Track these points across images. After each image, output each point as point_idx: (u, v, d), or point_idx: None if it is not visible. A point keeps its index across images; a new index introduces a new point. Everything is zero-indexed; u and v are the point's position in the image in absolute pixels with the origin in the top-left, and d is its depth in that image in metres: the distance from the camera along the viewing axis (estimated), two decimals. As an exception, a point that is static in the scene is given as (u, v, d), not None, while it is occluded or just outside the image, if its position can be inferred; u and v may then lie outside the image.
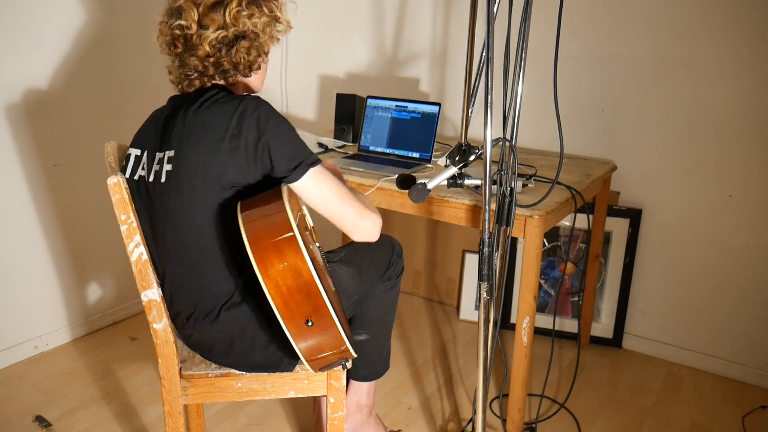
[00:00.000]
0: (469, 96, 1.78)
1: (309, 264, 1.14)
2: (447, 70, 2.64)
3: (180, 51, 1.32)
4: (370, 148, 2.26)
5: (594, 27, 2.28)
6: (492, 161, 1.43)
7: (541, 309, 2.56)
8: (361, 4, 2.77)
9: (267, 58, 1.44)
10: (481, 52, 1.61)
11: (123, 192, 1.30)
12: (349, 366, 1.44)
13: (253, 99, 1.28)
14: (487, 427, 1.98)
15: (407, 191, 1.63)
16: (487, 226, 1.44)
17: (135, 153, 1.38)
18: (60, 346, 2.43)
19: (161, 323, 1.38)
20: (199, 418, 1.84)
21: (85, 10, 2.28)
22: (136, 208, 1.35)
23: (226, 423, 2.01)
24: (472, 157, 1.63)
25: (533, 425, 2.00)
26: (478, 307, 2.67)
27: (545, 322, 2.55)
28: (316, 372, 1.33)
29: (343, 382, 1.46)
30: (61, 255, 2.39)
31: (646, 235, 2.37)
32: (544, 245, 2.50)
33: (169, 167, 1.29)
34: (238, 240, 1.21)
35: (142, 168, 1.35)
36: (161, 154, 1.32)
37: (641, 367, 2.38)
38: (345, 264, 1.58)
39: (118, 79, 2.43)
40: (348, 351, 1.25)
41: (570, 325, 2.54)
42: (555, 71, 1.52)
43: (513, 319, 2.60)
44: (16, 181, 2.21)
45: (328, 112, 2.92)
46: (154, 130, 1.37)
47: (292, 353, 1.39)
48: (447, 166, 1.66)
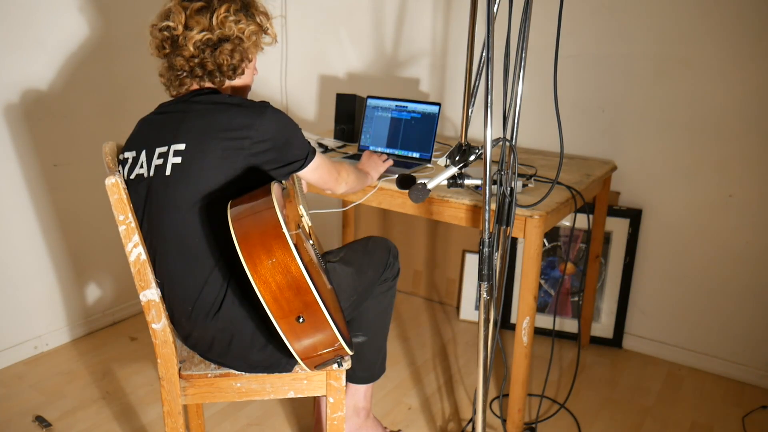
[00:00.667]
0: (469, 96, 1.78)
1: (297, 259, 1.14)
2: (447, 70, 2.64)
3: (168, 52, 1.39)
4: (370, 148, 2.25)
5: (594, 27, 2.28)
6: (492, 161, 1.43)
7: (541, 309, 2.55)
8: (361, 4, 2.76)
9: (251, 65, 1.48)
10: (481, 52, 1.61)
11: (121, 192, 1.30)
12: (347, 366, 1.44)
13: (269, 105, 1.35)
14: (487, 427, 1.98)
15: (407, 191, 1.63)
16: (487, 226, 1.44)
17: (130, 155, 1.40)
18: (60, 346, 2.43)
19: (160, 323, 1.38)
20: (199, 418, 1.84)
21: (84, 11, 2.28)
22: (135, 209, 1.36)
23: (226, 423, 2.01)
24: (472, 157, 1.63)
25: (533, 425, 1.99)
26: (478, 307, 2.67)
27: (545, 322, 2.55)
28: (312, 370, 1.32)
29: (343, 382, 1.46)
30: (61, 255, 2.39)
31: (646, 235, 2.37)
32: (544, 245, 2.50)
33: (178, 159, 1.31)
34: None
35: (140, 167, 1.36)
36: (163, 149, 1.33)
37: (641, 367, 2.38)
38: (345, 264, 1.59)
39: (117, 79, 2.43)
40: (342, 348, 1.24)
41: (570, 325, 2.53)
42: (555, 71, 1.52)
43: (513, 319, 2.60)
44: (15, 181, 2.21)
45: (328, 112, 2.92)
46: (148, 131, 1.39)
47: (289, 353, 1.39)
48: (447, 166, 1.66)
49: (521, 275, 1.75)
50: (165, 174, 1.32)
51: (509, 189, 1.54)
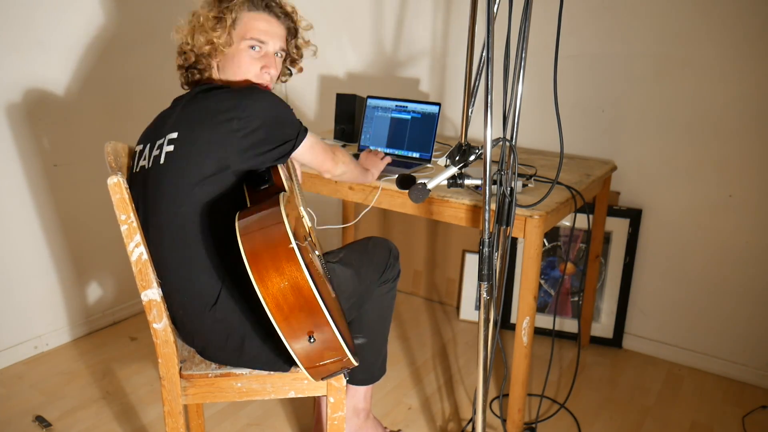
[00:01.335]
0: (469, 96, 1.78)
1: (310, 281, 1.12)
2: (447, 70, 2.64)
3: (190, 61, 1.51)
4: (370, 147, 2.25)
5: (594, 27, 2.28)
6: (492, 161, 1.43)
7: (541, 309, 2.56)
8: (361, 4, 2.76)
9: (233, 57, 1.47)
10: (481, 52, 1.61)
11: (123, 192, 1.30)
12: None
13: (256, 87, 1.39)
14: (487, 427, 1.98)
15: (407, 191, 1.63)
16: (487, 226, 1.44)
17: (138, 149, 1.44)
18: (60, 346, 2.43)
19: (161, 323, 1.38)
20: (199, 418, 1.84)
21: (86, 11, 2.28)
22: (135, 201, 1.37)
23: (226, 423, 2.01)
24: (472, 157, 1.63)
25: (533, 425, 2.00)
26: (478, 307, 2.67)
27: (545, 322, 2.55)
28: (317, 381, 1.33)
29: (343, 383, 1.47)
30: (61, 255, 2.39)
31: (646, 235, 2.37)
32: (544, 245, 2.50)
33: (170, 148, 1.33)
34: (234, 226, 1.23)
35: (144, 159, 1.40)
36: (161, 140, 1.36)
37: (641, 367, 2.38)
38: (344, 265, 1.59)
39: (118, 79, 2.43)
40: (350, 361, 1.24)
41: (570, 325, 2.54)
42: (555, 71, 1.52)
43: (513, 319, 2.60)
44: (16, 181, 2.21)
45: (328, 112, 2.92)
46: (155, 126, 1.44)
47: (288, 354, 1.39)
48: (447, 166, 1.66)
49: (521, 275, 1.75)
50: (160, 163, 1.34)
51: (509, 189, 1.55)
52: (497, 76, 1.55)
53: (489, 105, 1.36)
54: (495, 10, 1.37)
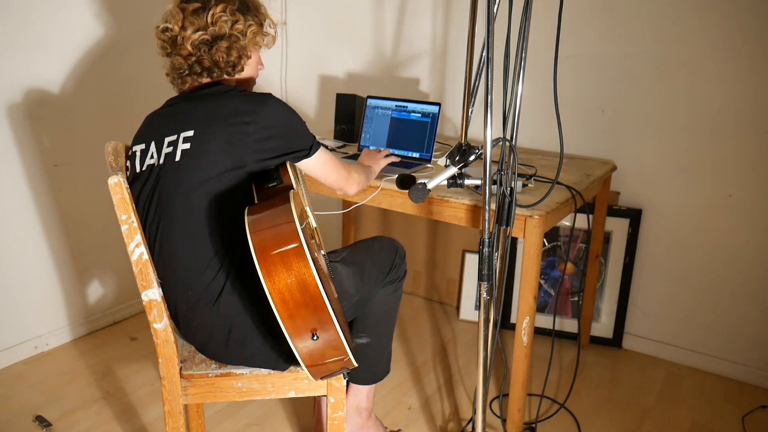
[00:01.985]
0: (469, 96, 1.78)
1: (317, 278, 1.13)
2: (447, 70, 2.64)
3: (169, 52, 1.45)
4: (370, 148, 2.25)
5: (594, 27, 2.28)
6: (492, 161, 1.43)
7: (541, 309, 2.56)
8: (361, 4, 2.77)
9: (252, 61, 1.51)
10: (481, 52, 1.61)
11: (124, 192, 1.30)
12: (349, 373, 1.44)
13: (271, 95, 1.39)
14: (487, 427, 1.98)
15: (407, 191, 1.63)
16: (487, 226, 1.44)
17: (139, 148, 1.43)
18: (60, 346, 2.43)
19: (162, 323, 1.38)
20: (199, 418, 1.84)
21: (85, 10, 2.28)
22: (138, 198, 1.39)
23: (226, 423, 2.01)
24: (472, 157, 1.63)
25: (533, 425, 2.00)
26: (478, 307, 2.67)
27: (545, 322, 2.55)
28: (317, 380, 1.33)
29: (344, 382, 1.47)
30: (62, 255, 2.39)
31: (646, 235, 2.37)
32: (544, 245, 2.50)
33: (187, 146, 1.35)
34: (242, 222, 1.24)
35: (150, 157, 1.40)
36: (172, 137, 1.37)
37: (641, 367, 2.38)
38: (346, 265, 1.59)
39: (118, 79, 2.43)
40: (350, 361, 1.25)
41: (570, 325, 2.54)
42: (555, 71, 1.53)
43: (513, 319, 2.60)
44: (16, 181, 2.21)
45: (328, 112, 2.92)
46: (157, 124, 1.43)
47: (288, 352, 1.39)
48: (447, 166, 1.66)
49: (521, 275, 1.75)
50: (175, 160, 1.35)
51: (509, 189, 1.55)
52: (497, 76, 1.55)
53: (489, 105, 1.36)
54: (495, 10, 1.37)
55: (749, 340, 2.25)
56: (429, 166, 2.12)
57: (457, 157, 1.65)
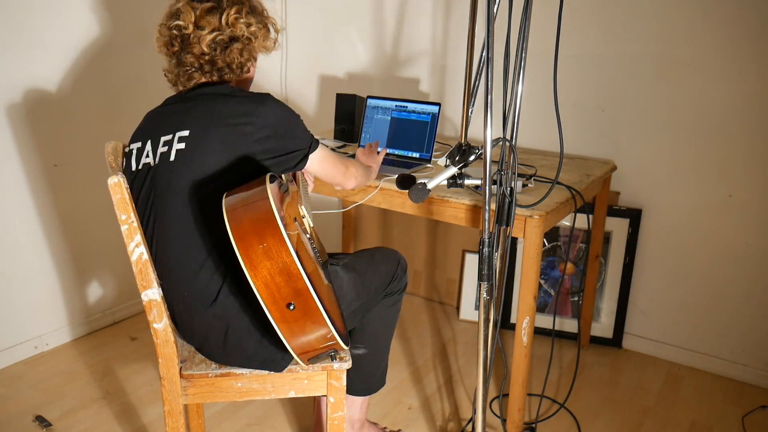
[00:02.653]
0: (469, 96, 1.78)
1: (289, 245, 1.14)
2: (447, 70, 2.64)
3: (177, 50, 1.43)
4: (363, 146, 2.25)
5: (594, 27, 2.28)
6: (492, 161, 1.43)
7: (541, 309, 2.56)
8: (361, 4, 2.77)
9: (255, 63, 1.52)
10: (481, 52, 1.61)
11: (124, 192, 1.30)
12: (348, 365, 1.44)
13: (271, 95, 1.38)
14: (487, 427, 1.98)
15: (407, 191, 1.63)
16: (487, 226, 1.44)
17: (135, 147, 1.43)
18: (60, 346, 2.43)
19: (162, 323, 1.38)
20: (199, 418, 1.84)
21: (85, 11, 2.28)
22: (137, 197, 1.38)
23: (226, 423, 2.01)
24: (472, 157, 1.63)
25: (533, 425, 2.00)
26: (478, 307, 2.67)
27: (545, 322, 2.55)
28: (306, 364, 1.31)
29: (344, 382, 1.47)
30: (61, 255, 2.39)
31: (646, 235, 2.37)
32: (544, 245, 2.50)
33: (182, 146, 1.34)
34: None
35: (146, 156, 1.39)
36: (168, 137, 1.37)
37: (641, 367, 2.38)
38: (347, 270, 1.58)
39: (118, 79, 2.43)
40: (336, 341, 1.23)
41: (570, 325, 2.54)
42: (555, 71, 1.52)
43: (513, 319, 2.60)
44: (16, 181, 2.21)
45: (328, 112, 2.92)
46: (155, 123, 1.42)
47: (285, 348, 1.38)
48: (447, 166, 1.66)
49: (521, 275, 1.75)
50: (170, 160, 1.35)
51: (509, 189, 1.55)
52: (497, 76, 1.55)
53: (489, 105, 1.36)
54: (495, 10, 1.37)
55: (749, 340, 2.25)
56: (429, 166, 2.12)
57: (457, 157, 1.65)
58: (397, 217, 2.90)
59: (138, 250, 1.33)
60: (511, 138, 1.58)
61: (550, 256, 2.53)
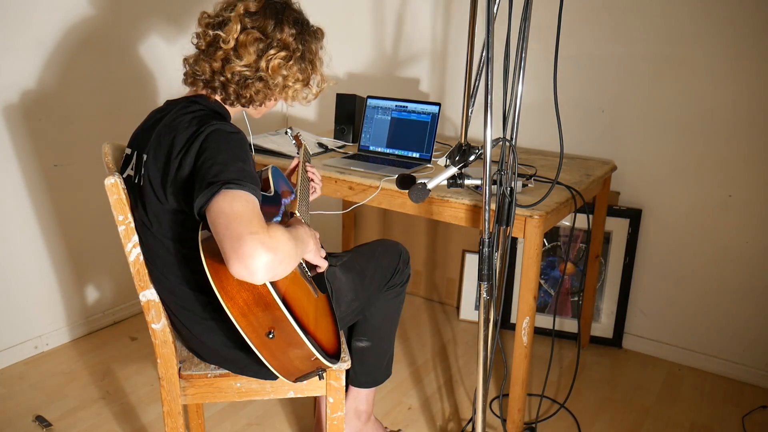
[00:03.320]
0: (469, 96, 1.78)
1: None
2: (447, 70, 2.64)
3: (203, 48, 1.34)
4: (370, 148, 2.25)
5: (594, 27, 2.28)
6: (492, 161, 1.43)
7: (541, 309, 2.55)
8: (361, 4, 2.76)
9: (270, 104, 1.43)
10: (481, 52, 1.60)
11: (120, 192, 1.29)
12: (347, 365, 1.44)
13: (215, 124, 1.21)
14: (487, 427, 1.98)
15: (407, 191, 1.63)
16: (487, 226, 1.44)
17: (127, 152, 1.38)
18: (60, 346, 2.43)
19: (160, 323, 1.38)
20: (199, 418, 1.84)
21: (85, 10, 2.28)
22: (132, 202, 1.33)
23: (226, 423, 2.01)
24: (472, 157, 1.63)
25: (533, 425, 1.99)
26: (478, 307, 2.67)
27: (545, 322, 2.55)
28: (293, 382, 1.31)
29: (343, 382, 1.46)
30: (61, 255, 2.39)
31: (646, 235, 2.37)
32: (544, 245, 2.50)
33: (143, 171, 1.28)
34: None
35: (131, 168, 1.34)
36: (144, 155, 1.29)
37: (641, 367, 2.38)
38: (346, 269, 1.56)
39: (117, 79, 2.43)
40: (319, 361, 1.21)
41: (570, 325, 2.53)
42: (555, 71, 1.52)
43: (513, 319, 2.60)
44: (15, 181, 2.21)
45: (328, 112, 2.92)
46: (143, 130, 1.36)
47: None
48: (447, 166, 1.65)
49: (521, 275, 1.75)
50: (141, 185, 1.29)
51: (509, 189, 1.54)
52: (497, 76, 1.55)
53: (489, 105, 1.36)
54: (495, 10, 1.37)
55: (749, 340, 2.25)
56: (429, 166, 2.12)
57: (457, 157, 1.64)
58: (397, 217, 2.90)
59: (135, 251, 1.33)
60: (511, 138, 1.58)
61: (550, 256, 2.52)
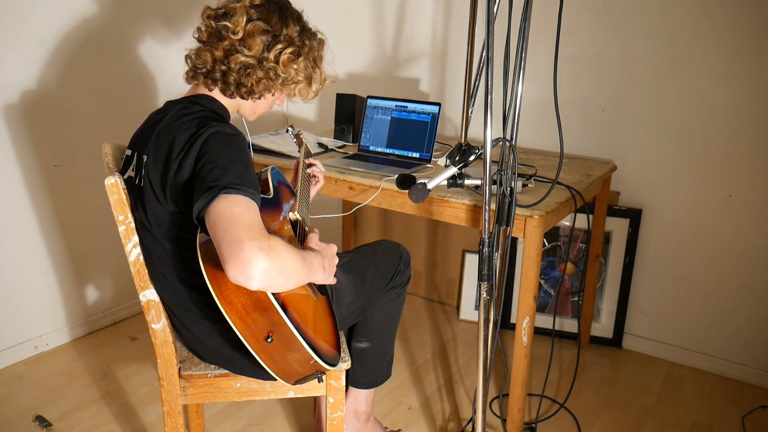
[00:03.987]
0: (469, 96, 1.78)
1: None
2: (447, 70, 2.64)
3: (204, 40, 1.33)
4: (370, 148, 2.25)
5: (594, 27, 2.28)
6: (492, 161, 1.43)
7: (541, 309, 2.55)
8: (361, 4, 2.76)
9: (270, 97, 1.42)
10: (481, 52, 1.60)
11: (120, 192, 1.29)
12: (347, 365, 1.43)
13: (215, 125, 1.21)
14: (487, 427, 1.98)
15: (407, 191, 1.63)
16: (487, 226, 1.44)
17: (127, 153, 1.38)
18: (60, 346, 2.43)
19: (160, 323, 1.38)
20: (199, 418, 1.84)
21: (85, 10, 2.28)
22: (132, 202, 1.33)
23: (226, 423, 2.01)
24: (472, 157, 1.63)
25: (533, 425, 1.99)
26: (478, 307, 2.67)
27: (545, 322, 2.55)
28: (292, 385, 1.31)
29: (342, 382, 1.46)
30: (61, 255, 2.39)
31: (646, 235, 2.37)
32: (544, 245, 2.50)
33: (143, 172, 1.28)
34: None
35: (132, 169, 1.33)
36: (144, 156, 1.29)
37: (641, 367, 2.38)
38: (346, 271, 1.56)
39: (117, 79, 2.43)
40: (318, 364, 1.21)
41: (570, 325, 2.53)
42: (555, 71, 1.52)
43: (513, 319, 2.60)
44: (15, 181, 2.21)
45: (328, 112, 2.92)
46: (143, 131, 1.35)
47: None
48: (447, 166, 1.65)
49: (521, 275, 1.75)
50: (141, 185, 1.29)
51: (509, 189, 1.54)
52: (497, 76, 1.55)
53: (489, 105, 1.36)
54: (495, 10, 1.37)
55: (749, 340, 2.25)
56: (429, 166, 2.12)
57: (457, 157, 1.64)
58: (397, 217, 2.90)
59: (136, 251, 1.33)
60: (511, 138, 1.58)
61: (550, 256, 2.52)
